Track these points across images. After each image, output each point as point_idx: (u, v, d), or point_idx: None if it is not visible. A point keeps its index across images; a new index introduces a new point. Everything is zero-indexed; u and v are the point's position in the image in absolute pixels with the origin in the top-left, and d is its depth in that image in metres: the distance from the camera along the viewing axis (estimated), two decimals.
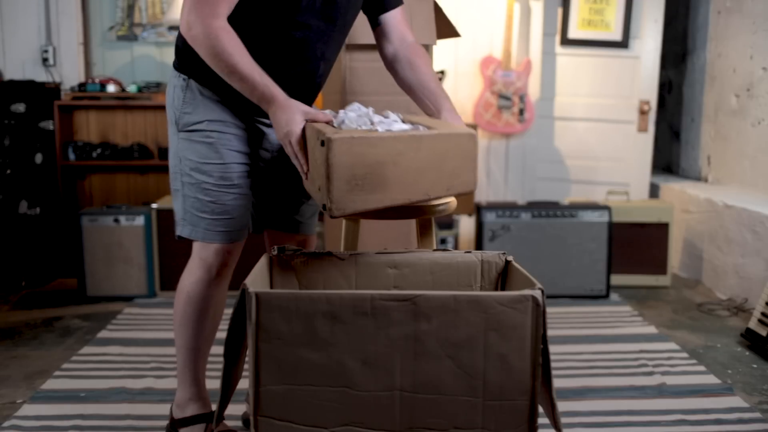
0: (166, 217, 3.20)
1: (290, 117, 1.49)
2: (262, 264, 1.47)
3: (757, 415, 2.09)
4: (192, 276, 1.77)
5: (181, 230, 1.77)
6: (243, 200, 1.75)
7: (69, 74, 3.92)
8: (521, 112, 3.96)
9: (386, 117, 1.53)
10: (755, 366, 2.51)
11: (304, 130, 1.48)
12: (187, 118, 1.72)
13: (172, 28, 4.02)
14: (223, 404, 1.35)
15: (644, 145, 4.03)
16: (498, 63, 3.94)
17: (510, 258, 1.52)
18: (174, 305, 1.82)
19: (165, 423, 2.05)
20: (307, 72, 1.72)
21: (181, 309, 1.79)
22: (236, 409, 2.05)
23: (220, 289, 1.80)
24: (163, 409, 2.14)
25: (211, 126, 1.70)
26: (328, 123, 1.48)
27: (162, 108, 3.63)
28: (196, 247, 1.77)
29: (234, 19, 1.57)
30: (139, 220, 3.30)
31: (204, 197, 1.71)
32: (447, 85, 4.01)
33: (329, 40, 1.72)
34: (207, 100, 1.71)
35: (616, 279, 3.54)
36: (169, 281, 3.30)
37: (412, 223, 2.52)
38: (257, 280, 1.38)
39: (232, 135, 1.72)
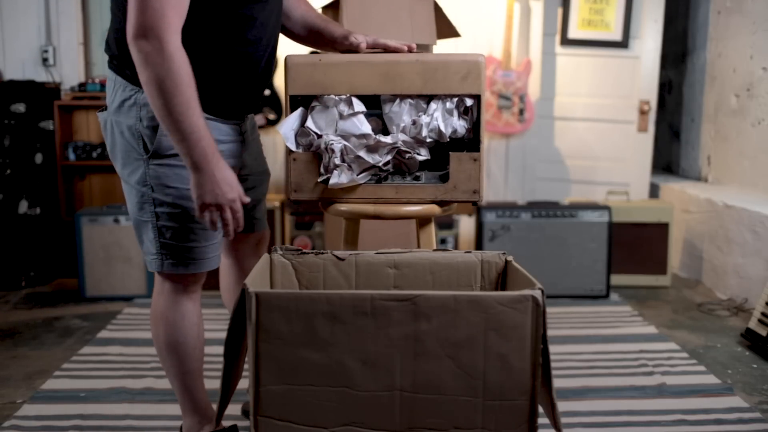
0: None
1: (231, 185, 1.50)
2: (262, 264, 1.47)
3: (757, 415, 2.09)
4: (166, 300, 1.69)
5: (160, 265, 1.64)
6: None
7: (69, 74, 3.92)
8: (521, 112, 3.96)
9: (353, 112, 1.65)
10: (755, 366, 2.51)
11: None
12: (166, 142, 1.54)
13: None
14: (223, 404, 1.34)
15: (644, 145, 4.03)
16: (498, 63, 3.94)
17: (510, 258, 1.52)
18: (153, 335, 1.73)
19: (165, 423, 2.05)
20: (270, 62, 1.71)
21: (163, 337, 1.70)
22: (236, 409, 2.05)
23: (197, 302, 1.74)
24: (163, 409, 2.14)
25: None
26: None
27: None
28: (172, 276, 1.67)
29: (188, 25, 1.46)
30: None
31: (194, 225, 1.62)
32: None
33: (275, 21, 1.71)
34: None
35: (616, 279, 3.54)
36: None
37: (412, 223, 2.52)
38: (257, 280, 1.38)
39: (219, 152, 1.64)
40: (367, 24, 2.03)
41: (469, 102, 1.68)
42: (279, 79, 3.86)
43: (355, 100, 1.66)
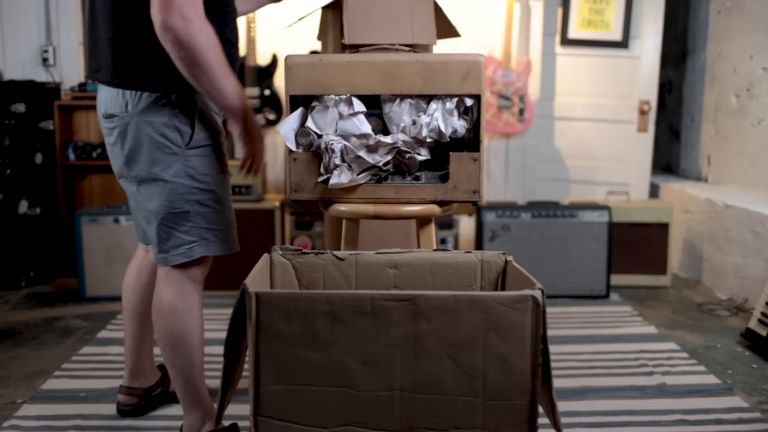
0: None
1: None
2: (262, 264, 1.47)
3: (757, 415, 2.09)
4: (174, 292, 1.74)
5: (203, 251, 1.73)
6: None
7: (69, 74, 3.92)
8: (521, 112, 3.96)
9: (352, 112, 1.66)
10: (755, 366, 2.51)
11: None
12: (201, 135, 1.70)
13: None
14: (223, 404, 1.34)
15: (644, 145, 4.03)
16: (498, 63, 3.94)
17: (510, 258, 1.52)
18: (158, 329, 1.77)
19: (165, 423, 2.05)
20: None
21: (171, 329, 1.74)
22: (236, 409, 2.05)
23: (201, 296, 1.81)
24: (164, 409, 2.14)
25: (218, 138, 1.76)
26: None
27: None
28: (187, 265, 1.74)
29: None
30: None
31: (222, 209, 1.76)
32: None
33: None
34: (210, 113, 1.74)
35: (616, 279, 3.54)
36: None
37: (412, 223, 2.52)
38: (257, 280, 1.38)
39: (223, 143, 1.80)
40: (367, 24, 2.02)
41: (469, 102, 1.68)
42: (279, 79, 3.86)
43: (355, 100, 1.66)
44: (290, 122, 1.69)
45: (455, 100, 1.68)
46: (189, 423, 1.82)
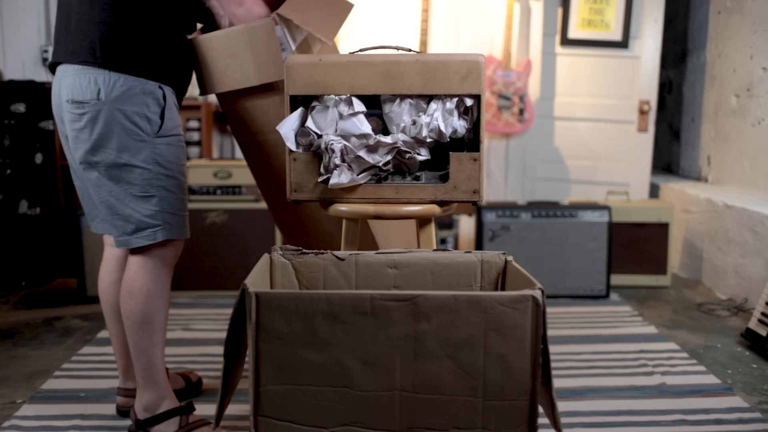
0: None
1: None
2: (262, 264, 1.47)
3: (757, 415, 2.09)
4: (149, 274, 1.84)
5: (166, 234, 1.82)
6: None
7: None
8: (521, 112, 3.96)
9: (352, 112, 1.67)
10: (755, 366, 2.51)
11: None
12: (169, 124, 1.81)
13: None
14: (223, 405, 1.34)
15: (644, 145, 4.04)
16: (498, 63, 3.94)
17: (510, 258, 1.52)
18: (127, 309, 1.84)
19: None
20: None
21: (141, 309, 1.83)
22: (236, 409, 2.05)
23: (171, 279, 1.92)
24: None
25: (180, 130, 1.88)
26: None
27: None
28: (158, 246, 1.84)
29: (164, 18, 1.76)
30: None
31: (183, 196, 1.87)
32: None
33: None
34: (174, 106, 1.85)
35: (616, 279, 3.54)
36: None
37: (412, 223, 2.52)
38: (257, 280, 1.38)
39: (183, 135, 1.91)
40: (213, 71, 1.92)
41: (469, 102, 1.68)
42: None
43: (355, 100, 1.66)
44: (290, 122, 1.69)
45: (455, 100, 1.68)
46: (146, 400, 1.88)
